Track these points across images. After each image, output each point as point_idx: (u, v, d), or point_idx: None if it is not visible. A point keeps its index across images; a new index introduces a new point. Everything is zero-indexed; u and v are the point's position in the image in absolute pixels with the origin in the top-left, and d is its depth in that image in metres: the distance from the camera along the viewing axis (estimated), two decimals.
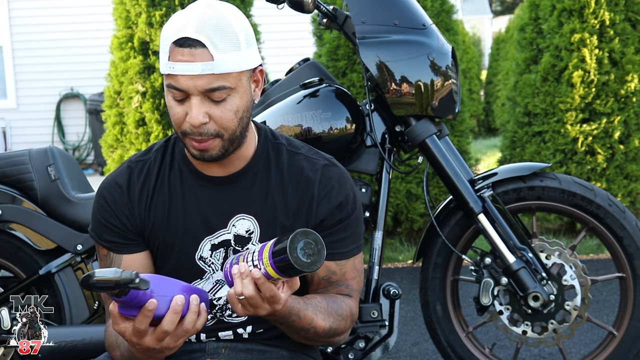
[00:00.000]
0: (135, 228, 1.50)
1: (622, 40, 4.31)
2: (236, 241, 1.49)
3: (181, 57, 1.34)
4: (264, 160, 1.51)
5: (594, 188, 2.27)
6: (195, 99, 1.36)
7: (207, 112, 1.37)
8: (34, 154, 2.28)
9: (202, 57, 1.34)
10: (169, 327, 1.23)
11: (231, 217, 1.49)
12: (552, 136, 4.41)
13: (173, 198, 1.50)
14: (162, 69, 1.39)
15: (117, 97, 4.34)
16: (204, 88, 1.35)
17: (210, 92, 1.36)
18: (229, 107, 1.38)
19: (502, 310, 2.25)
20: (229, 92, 1.37)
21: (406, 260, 4.32)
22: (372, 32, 2.18)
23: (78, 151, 8.86)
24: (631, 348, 2.27)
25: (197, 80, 1.34)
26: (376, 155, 2.25)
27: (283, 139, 1.57)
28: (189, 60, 1.34)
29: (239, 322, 1.53)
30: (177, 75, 1.35)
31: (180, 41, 1.35)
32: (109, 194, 1.50)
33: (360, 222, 1.55)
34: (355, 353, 2.17)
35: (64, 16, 8.64)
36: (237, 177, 1.49)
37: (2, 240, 2.27)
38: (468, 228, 2.30)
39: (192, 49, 1.34)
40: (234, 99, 1.39)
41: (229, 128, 1.40)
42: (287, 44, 7.70)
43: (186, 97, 1.37)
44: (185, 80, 1.35)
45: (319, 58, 4.46)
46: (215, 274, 1.51)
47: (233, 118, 1.39)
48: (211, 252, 1.49)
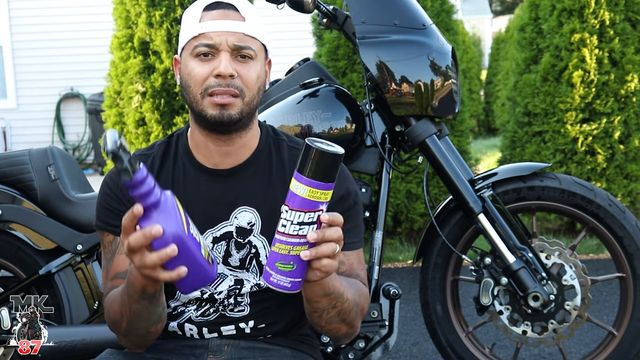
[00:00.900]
0: None
1: (622, 40, 4.31)
2: (238, 233, 1.50)
3: (214, 16, 1.43)
4: (266, 154, 1.54)
5: (594, 188, 2.27)
6: (225, 54, 1.43)
7: (235, 68, 1.43)
8: (34, 154, 2.28)
9: (235, 17, 1.44)
10: (133, 242, 1.17)
11: (233, 209, 1.50)
12: (552, 136, 4.41)
13: (176, 191, 1.50)
14: (188, 35, 1.45)
15: (117, 97, 4.34)
16: (235, 44, 1.43)
17: (239, 50, 1.43)
18: (252, 69, 1.45)
19: (502, 310, 2.26)
20: (253, 55, 1.45)
21: (406, 260, 4.32)
22: (372, 32, 2.18)
23: (78, 151, 8.87)
24: (631, 348, 2.27)
25: (229, 36, 1.43)
26: (376, 155, 2.25)
27: (284, 135, 1.59)
28: (222, 18, 1.43)
29: (241, 317, 1.53)
30: (209, 33, 1.43)
31: (213, 5, 1.45)
32: (113, 182, 1.51)
33: (361, 217, 1.57)
34: (355, 353, 2.17)
35: (64, 16, 8.65)
36: (239, 170, 1.51)
37: (2, 240, 2.27)
38: (468, 228, 2.30)
39: (225, 10, 1.44)
40: (256, 64, 1.46)
41: (252, 89, 1.45)
42: (287, 44, 7.70)
43: (212, 56, 1.43)
44: (218, 36, 1.42)
45: (319, 58, 4.46)
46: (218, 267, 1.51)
47: (255, 81, 1.46)
48: (213, 244, 1.51)
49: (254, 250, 1.51)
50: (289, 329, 1.57)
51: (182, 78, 1.48)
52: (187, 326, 1.54)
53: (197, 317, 1.54)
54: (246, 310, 1.53)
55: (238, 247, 1.51)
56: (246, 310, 1.53)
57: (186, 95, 1.47)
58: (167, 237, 1.15)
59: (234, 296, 1.52)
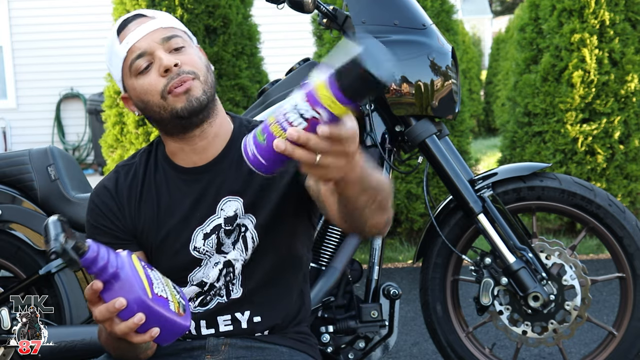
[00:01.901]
0: (125, 228, 1.53)
1: (622, 41, 4.31)
2: (227, 222, 1.52)
3: (129, 30, 1.46)
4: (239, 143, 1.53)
5: (594, 188, 2.26)
6: (160, 51, 1.44)
7: (175, 58, 1.44)
8: (34, 154, 2.28)
9: (146, 20, 1.48)
10: (100, 316, 1.20)
11: (218, 202, 1.51)
12: (552, 136, 4.41)
13: (160, 196, 1.54)
14: (119, 62, 1.47)
15: (117, 97, 4.34)
16: (161, 38, 1.45)
17: (168, 41, 1.45)
18: (190, 53, 1.47)
19: (502, 310, 2.25)
20: (183, 42, 1.47)
21: (406, 260, 4.32)
22: (372, 32, 2.18)
23: (78, 151, 8.87)
24: (631, 348, 2.27)
25: (152, 35, 1.45)
26: (376, 155, 2.25)
27: (258, 122, 1.58)
28: (137, 26, 1.46)
29: (236, 300, 1.53)
30: (134, 45, 1.44)
31: (122, 25, 1.48)
32: (98, 198, 1.55)
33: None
34: (355, 353, 2.17)
35: (64, 16, 8.65)
36: (217, 162, 1.53)
37: (2, 240, 2.27)
38: (468, 228, 2.30)
39: (135, 20, 1.47)
40: (191, 50, 1.48)
41: (200, 68, 1.46)
42: (287, 44, 7.70)
43: (150, 62, 1.45)
44: (143, 41, 1.44)
45: (319, 58, 4.45)
46: (212, 258, 1.52)
47: (199, 62, 1.48)
48: (204, 240, 1.52)
49: (243, 229, 1.52)
50: (285, 325, 1.57)
51: (138, 103, 1.50)
52: None
53: (195, 307, 1.54)
54: (238, 292, 1.52)
55: (228, 234, 1.52)
56: (238, 292, 1.52)
57: (150, 111, 1.48)
58: (132, 306, 1.17)
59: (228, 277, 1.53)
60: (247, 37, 4.36)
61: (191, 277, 1.53)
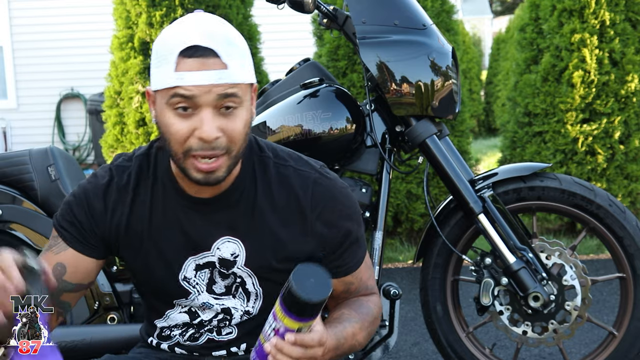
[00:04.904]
0: (99, 233, 1.43)
1: (622, 41, 4.31)
2: (221, 264, 1.43)
3: (192, 66, 1.26)
4: (250, 176, 1.43)
5: (594, 188, 2.26)
6: (207, 111, 1.27)
7: (219, 126, 1.29)
8: (34, 154, 2.28)
9: (215, 65, 1.27)
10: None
11: (215, 240, 1.42)
12: (552, 136, 4.41)
13: (154, 215, 1.43)
14: (163, 83, 1.29)
15: (118, 97, 4.34)
16: (218, 94, 1.27)
17: (223, 101, 1.28)
18: (238, 120, 1.31)
19: (503, 311, 2.25)
20: (238, 103, 1.30)
21: (406, 260, 4.32)
22: (373, 32, 2.18)
23: (78, 151, 8.86)
24: (631, 348, 2.27)
25: (211, 88, 1.26)
26: (376, 155, 2.25)
27: (269, 149, 1.47)
28: (201, 69, 1.26)
29: (231, 340, 1.50)
30: (186, 86, 1.26)
31: (190, 51, 1.26)
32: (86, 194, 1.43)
33: (360, 224, 1.52)
34: (355, 353, 2.17)
35: (64, 16, 8.64)
36: (222, 198, 1.41)
37: (2, 240, 2.27)
38: (468, 228, 2.30)
39: (204, 58, 1.26)
40: (242, 112, 1.31)
41: (238, 142, 1.32)
42: (287, 44, 7.69)
43: (192, 110, 1.28)
44: (197, 89, 1.26)
45: (319, 58, 4.46)
46: (201, 296, 1.45)
47: (242, 132, 1.32)
48: (195, 272, 1.43)
49: (239, 280, 1.45)
50: None
51: (159, 124, 1.34)
52: (178, 350, 1.52)
53: (185, 341, 1.51)
54: (234, 332, 1.49)
55: (222, 276, 1.45)
56: (234, 332, 1.49)
57: (165, 145, 1.34)
58: None
59: (224, 322, 1.49)
60: (247, 37, 4.36)
61: (177, 303, 1.48)
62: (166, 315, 1.50)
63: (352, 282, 1.51)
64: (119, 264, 2.26)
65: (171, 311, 1.49)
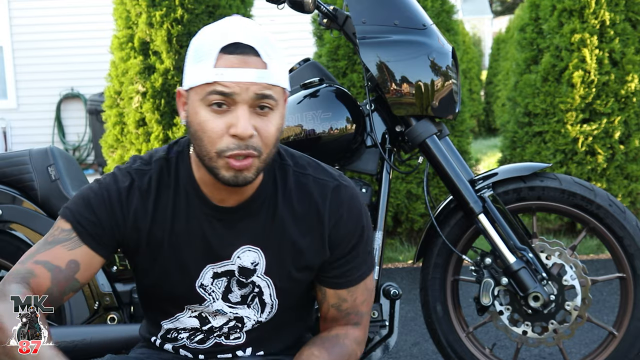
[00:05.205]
0: (118, 235, 1.40)
1: (622, 41, 4.31)
2: (240, 272, 1.43)
3: (232, 63, 1.27)
4: (271, 185, 1.43)
5: (594, 188, 2.26)
6: (243, 108, 1.27)
7: (254, 124, 1.28)
8: (34, 154, 2.28)
9: (256, 63, 1.28)
10: None
11: (236, 249, 1.41)
12: (552, 136, 4.41)
13: (176, 222, 1.41)
14: (201, 79, 1.29)
15: (118, 97, 4.34)
16: (255, 93, 1.27)
17: (259, 101, 1.28)
18: (272, 122, 1.31)
19: (503, 311, 2.25)
20: (273, 106, 1.30)
21: (406, 260, 4.32)
22: (373, 32, 2.18)
23: (78, 151, 8.86)
24: (631, 348, 2.27)
25: (249, 86, 1.27)
26: (376, 155, 2.25)
27: (288, 156, 1.47)
28: (241, 66, 1.27)
29: (238, 345, 1.50)
30: (225, 82, 1.27)
31: (231, 47, 1.27)
32: (115, 190, 1.39)
33: (371, 241, 1.51)
34: None
35: (64, 16, 8.64)
36: (244, 207, 1.41)
37: (2, 240, 2.27)
38: (468, 228, 2.30)
39: (245, 55, 1.27)
40: (275, 116, 1.32)
41: (270, 145, 1.32)
42: (287, 44, 7.69)
43: (228, 107, 1.28)
44: (236, 85, 1.27)
45: (319, 58, 4.46)
46: (216, 303, 1.45)
47: (275, 136, 1.32)
48: (213, 279, 1.43)
49: (257, 289, 1.45)
50: (287, 348, 1.54)
51: (191, 123, 1.32)
52: (182, 352, 1.52)
53: (191, 344, 1.50)
54: (243, 338, 1.50)
55: (240, 285, 1.44)
56: (243, 338, 1.50)
57: (196, 145, 1.33)
58: None
59: (235, 329, 1.49)
60: None
61: (189, 307, 1.47)
62: (175, 317, 1.49)
63: (345, 299, 1.49)
64: (119, 264, 2.26)
65: (181, 314, 1.48)
